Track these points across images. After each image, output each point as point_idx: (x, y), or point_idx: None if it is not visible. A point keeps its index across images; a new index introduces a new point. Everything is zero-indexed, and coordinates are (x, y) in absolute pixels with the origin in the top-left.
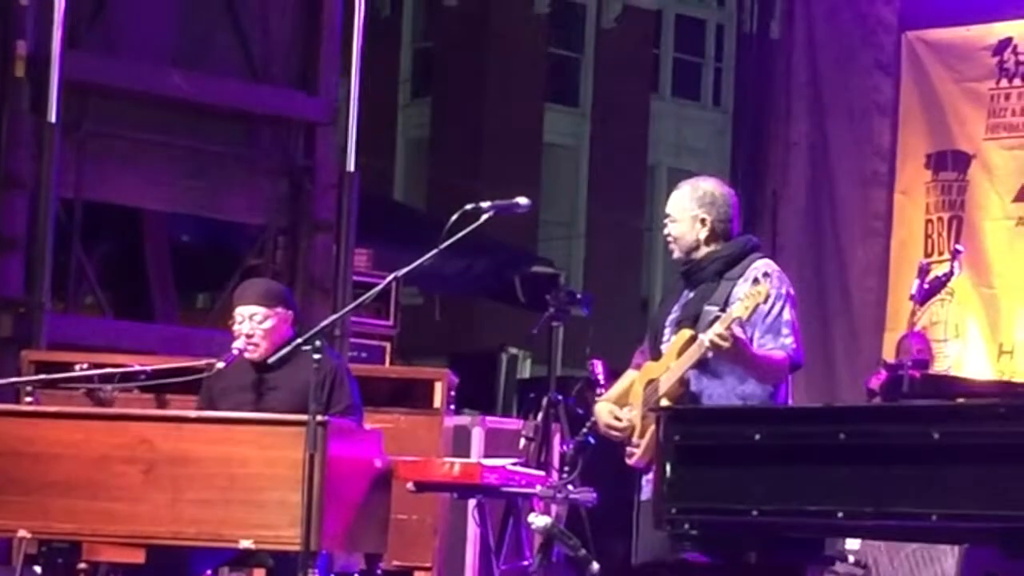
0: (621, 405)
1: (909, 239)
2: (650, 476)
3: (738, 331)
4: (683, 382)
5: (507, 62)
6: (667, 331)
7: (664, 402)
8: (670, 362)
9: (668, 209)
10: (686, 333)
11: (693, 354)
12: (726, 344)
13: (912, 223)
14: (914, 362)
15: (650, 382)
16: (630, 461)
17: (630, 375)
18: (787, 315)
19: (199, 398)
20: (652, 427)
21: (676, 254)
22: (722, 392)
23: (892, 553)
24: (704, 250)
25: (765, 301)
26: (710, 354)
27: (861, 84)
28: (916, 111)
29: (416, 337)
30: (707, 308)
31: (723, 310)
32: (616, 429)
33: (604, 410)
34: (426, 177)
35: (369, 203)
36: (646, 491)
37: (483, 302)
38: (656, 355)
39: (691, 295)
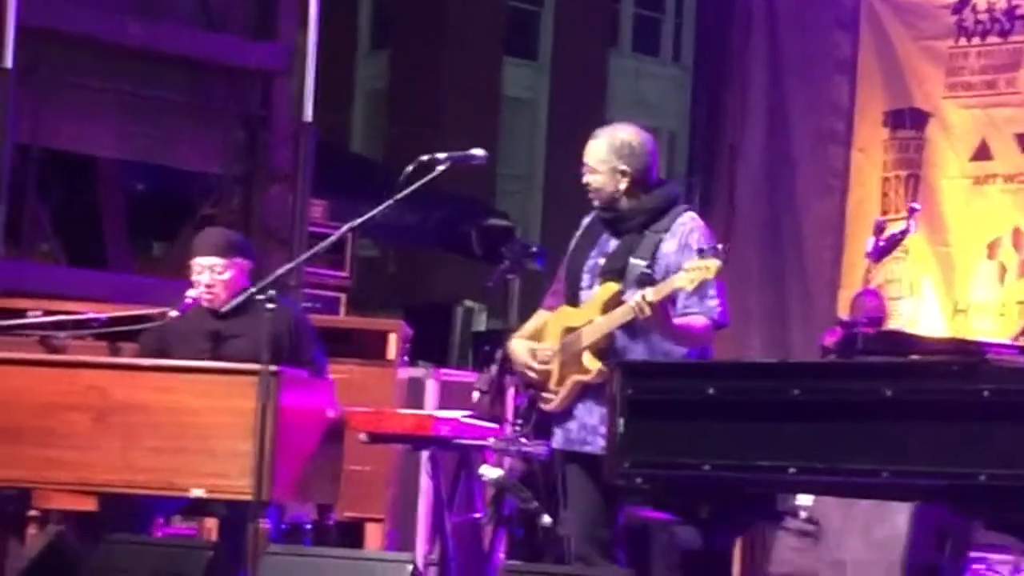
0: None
1: (866, 197)
2: (564, 426)
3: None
4: (609, 337)
5: (466, 15)
6: (586, 277)
7: (587, 355)
8: (593, 315)
9: (586, 159)
10: (613, 287)
11: (621, 315)
12: (647, 313)
13: (869, 181)
14: (869, 319)
15: (569, 330)
16: (547, 407)
17: (542, 315)
18: None
19: (142, 345)
20: (573, 376)
21: (596, 203)
22: (643, 350)
23: (844, 510)
24: (626, 201)
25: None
26: (641, 317)
27: (820, 41)
28: (874, 69)
29: (371, 289)
30: (633, 262)
31: (650, 265)
32: (534, 371)
33: (523, 348)
34: (384, 129)
35: (326, 154)
36: (558, 438)
37: (439, 254)
38: (573, 300)
39: (614, 244)
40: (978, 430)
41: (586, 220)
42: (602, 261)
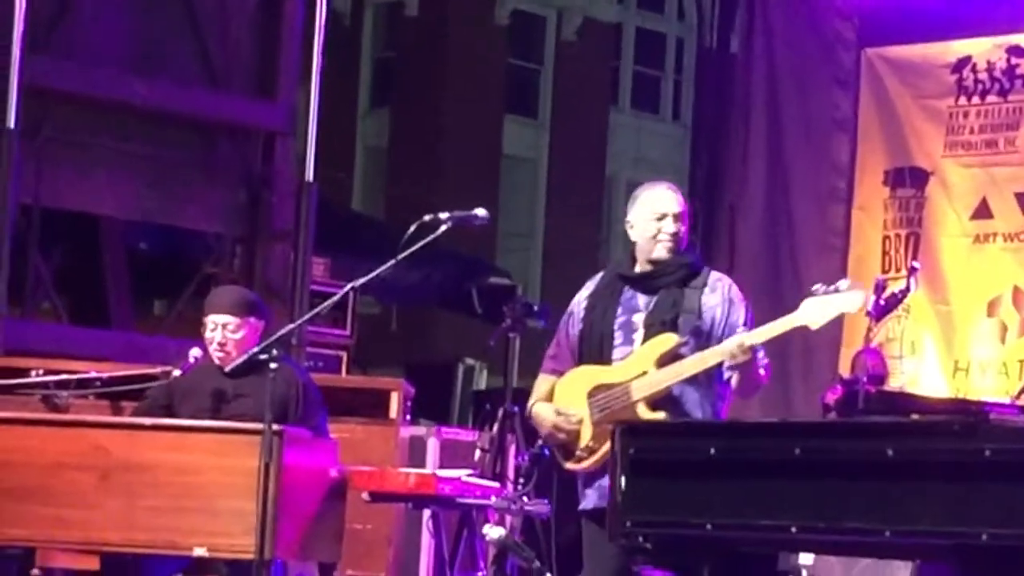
0: None
1: (866, 255)
2: (596, 485)
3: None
4: (667, 388)
5: (467, 73)
6: (619, 334)
7: (642, 406)
8: (646, 367)
9: (675, 209)
10: (672, 338)
11: (700, 362)
12: (743, 358)
13: (869, 239)
14: (869, 378)
15: (601, 387)
16: (580, 466)
17: (549, 379)
18: None
19: (142, 407)
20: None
21: (667, 254)
22: (696, 398)
23: (846, 568)
24: (673, 255)
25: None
26: (730, 361)
27: (820, 100)
28: (875, 127)
29: (373, 347)
30: (684, 315)
31: (699, 318)
32: (564, 431)
33: (549, 411)
34: (385, 187)
35: (327, 213)
36: (590, 499)
37: (440, 312)
38: (597, 359)
39: (646, 300)
40: (980, 489)
41: (593, 283)
42: (637, 317)
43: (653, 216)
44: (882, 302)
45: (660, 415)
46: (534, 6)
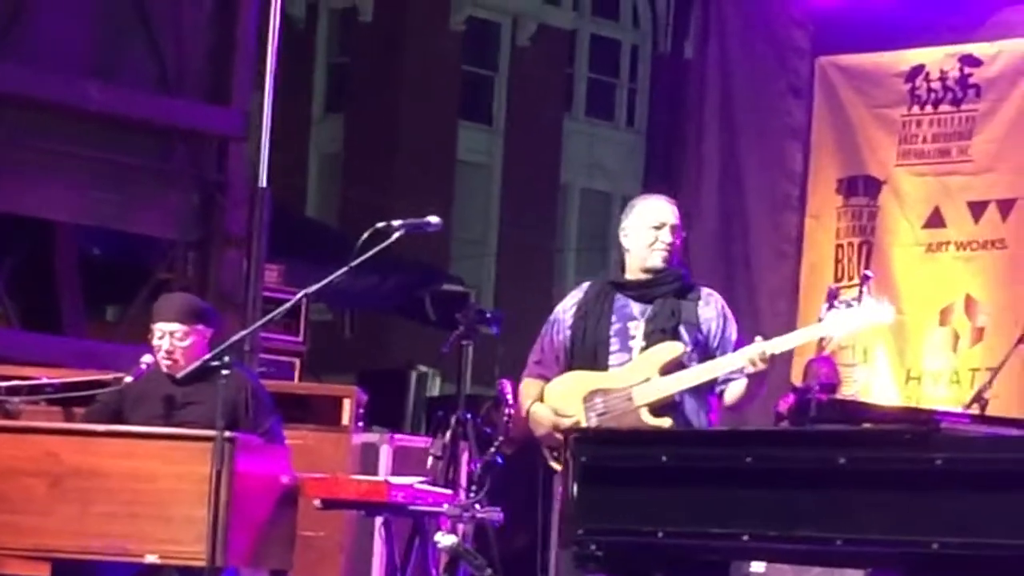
0: None
1: (819, 263)
2: None
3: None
4: (671, 394)
5: (421, 79)
6: (615, 341)
7: (645, 411)
8: (649, 374)
9: (672, 220)
10: (679, 347)
11: (715, 369)
12: (761, 367)
13: (822, 247)
14: (821, 386)
15: (596, 392)
16: None
17: (536, 383)
18: None
19: (93, 409)
20: None
21: (661, 264)
22: (695, 406)
23: None
24: (667, 266)
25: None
26: (749, 369)
27: (774, 107)
28: (828, 136)
29: (326, 354)
30: (684, 325)
31: (698, 328)
32: (563, 432)
33: (548, 411)
34: (338, 193)
35: (281, 218)
36: None
37: (394, 319)
38: (592, 365)
39: (641, 308)
40: (931, 499)
41: (581, 291)
42: (633, 324)
43: (651, 224)
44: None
45: (664, 421)
46: (489, 12)
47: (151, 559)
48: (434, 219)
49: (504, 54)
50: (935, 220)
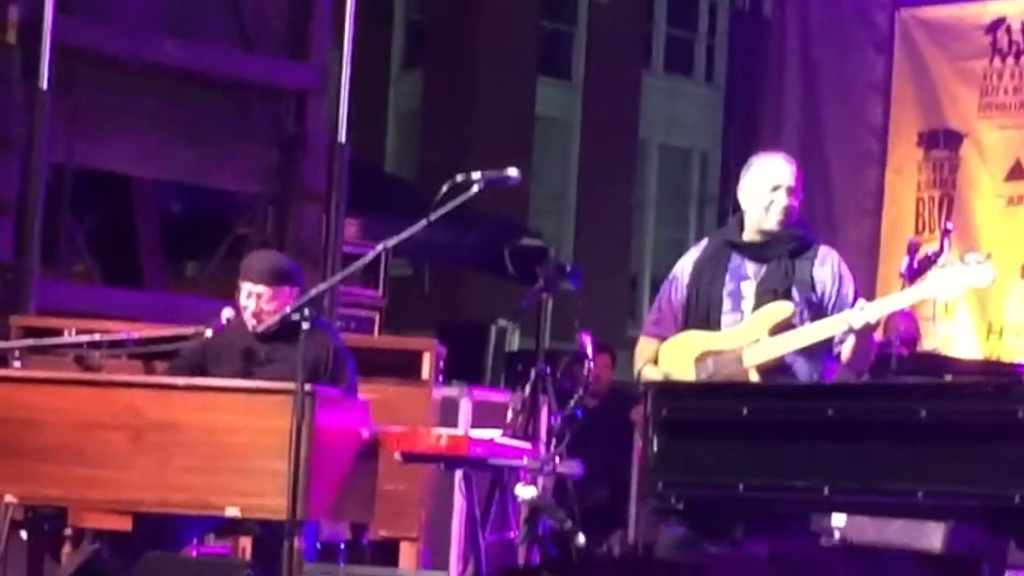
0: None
1: (900, 217)
2: None
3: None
4: (780, 356)
5: (499, 35)
6: (728, 301)
7: (753, 372)
8: (758, 334)
9: (790, 182)
10: (788, 307)
11: (822, 330)
12: (865, 328)
13: (903, 201)
14: (902, 340)
15: (709, 353)
16: None
17: (652, 343)
18: None
19: (175, 364)
20: None
21: (779, 225)
22: (806, 369)
23: (878, 529)
24: (783, 228)
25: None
26: (855, 326)
27: (854, 62)
28: (909, 89)
29: (405, 308)
30: (797, 285)
31: (812, 288)
32: None
33: (658, 375)
34: (416, 148)
35: (359, 174)
36: None
37: (473, 274)
38: (705, 325)
39: (755, 268)
40: (1012, 451)
41: (698, 249)
42: (746, 285)
43: (767, 186)
44: (915, 264)
45: None
46: None
47: (232, 512)
48: (513, 171)
49: (583, 9)
50: (1016, 173)
